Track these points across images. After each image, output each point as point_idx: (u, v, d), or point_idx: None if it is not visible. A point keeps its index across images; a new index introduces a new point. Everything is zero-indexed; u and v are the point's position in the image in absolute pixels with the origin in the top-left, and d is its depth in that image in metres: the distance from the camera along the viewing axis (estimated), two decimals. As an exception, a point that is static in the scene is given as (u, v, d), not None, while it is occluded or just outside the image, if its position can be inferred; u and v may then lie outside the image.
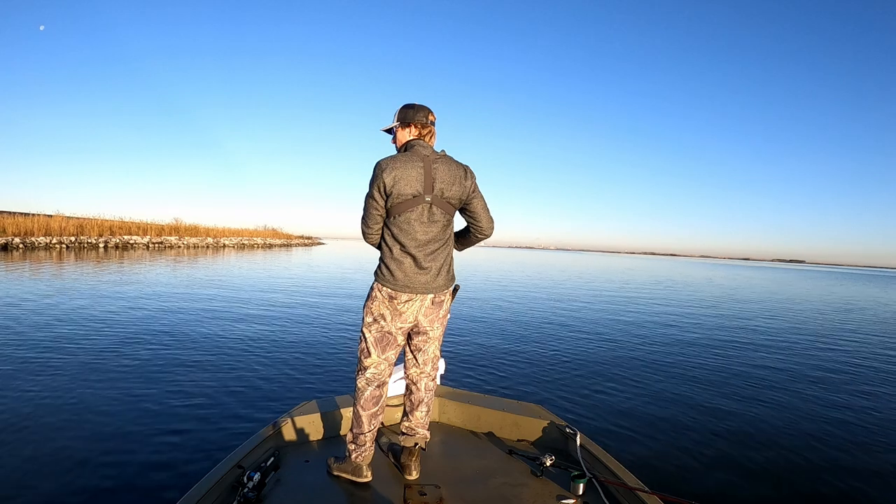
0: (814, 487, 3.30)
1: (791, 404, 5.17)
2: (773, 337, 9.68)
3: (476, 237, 2.23)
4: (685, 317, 11.92)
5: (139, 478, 2.94)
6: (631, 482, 1.98)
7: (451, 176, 2.01)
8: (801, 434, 4.28)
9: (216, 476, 1.90)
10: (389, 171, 1.93)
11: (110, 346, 6.13)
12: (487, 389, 4.88)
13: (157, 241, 37.36)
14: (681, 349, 7.80)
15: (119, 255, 26.88)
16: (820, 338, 9.92)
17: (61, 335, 6.57)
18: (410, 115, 2.06)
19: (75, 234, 31.39)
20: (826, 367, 7.20)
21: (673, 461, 3.57)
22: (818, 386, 6.03)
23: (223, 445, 3.31)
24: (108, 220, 36.31)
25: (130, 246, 34.82)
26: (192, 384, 4.74)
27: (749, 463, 3.62)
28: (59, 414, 3.87)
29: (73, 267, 17.94)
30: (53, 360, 5.35)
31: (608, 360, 6.75)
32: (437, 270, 2.04)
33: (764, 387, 5.81)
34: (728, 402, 5.13)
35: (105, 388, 4.52)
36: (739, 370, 6.61)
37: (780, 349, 8.37)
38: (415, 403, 2.23)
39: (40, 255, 23.51)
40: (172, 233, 40.29)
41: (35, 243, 28.68)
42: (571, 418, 3.94)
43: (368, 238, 2.11)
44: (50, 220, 31.25)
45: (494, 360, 6.33)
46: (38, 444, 3.32)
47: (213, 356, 5.84)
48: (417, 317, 2.06)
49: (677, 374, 6.21)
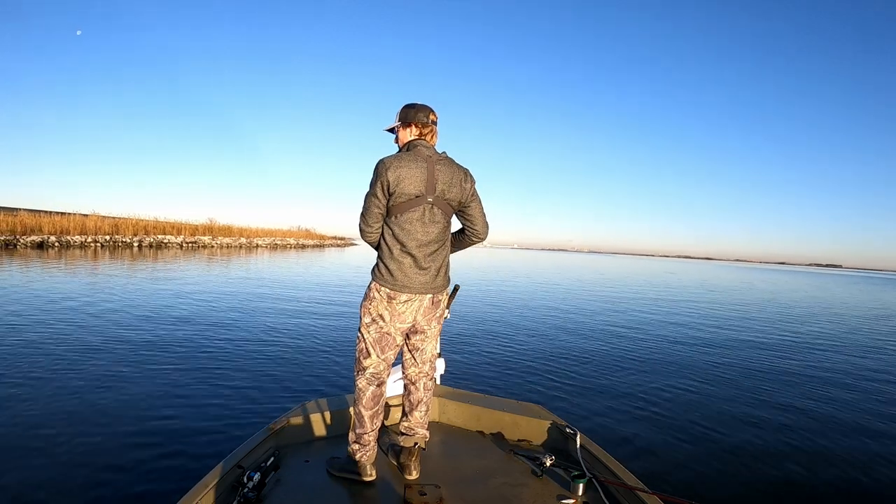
0: (814, 487, 3.30)
1: (792, 404, 5.15)
2: (780, 339, 9.63)
3: (471, 240, 2.26)
4: (699, 319, 11.72)
5: (139, 478, 2.93)
6: (631, 482, 1.97)
7: (453, 178, 2.03)
8: (802, 434, 4.28)
9: (216, 476, 1.89)
10: (394, 169, 1.94)
11: (110, 346, 5.95)
12: (487, 389, 4.73)
13: (190, 241, 37.55)
14: (687, 350, 7.73)
15: (153, 254, 27.10)
16: (839, 342, 9.77)
17: (60, 335, 6.38)
18: (412, 114, 2.06)
19: (110, 234, 31.73)
20: (844, 371, 7.06)
21: (673, 461, 3.58)
22: (831, 387, 5.99)
23: (223, 445, 3.27)
24: (142, 219, 36.55)
25: (164, 245, 35.06)
26: (192, 384, 4.69)
27: (749, 463, 3.62)
28: (58, 414, 3.84)
29: (95, 265, 17.92)
30: (53, 361, 5.21)
31: (608, 360, 6.71)
32: (436, 271, 2.05)
33: (765, 387, 5.78)
34: (728, 402, 5.10)
35: (105, 388, 4.45)
36: (745, 371, 6.57)
37: (787, 350, 8.37)
38: (414, 403, 2.22)
39: (75, 254, 23.76)
40: (206, 233, 40.39)
41: (70, 242, 29.09)
42: (571, 418, 3.80)
43: (367, 236, 2.09)
44: (86, 219, 31.66)
45: (494, 360, 6.29)
46: (38, 444, 3.30)
47: (213, 356, 5.76)
48: (416, 317, 2.06)
49: (678, 374, 6.17)
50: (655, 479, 3.04)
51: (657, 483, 2.71)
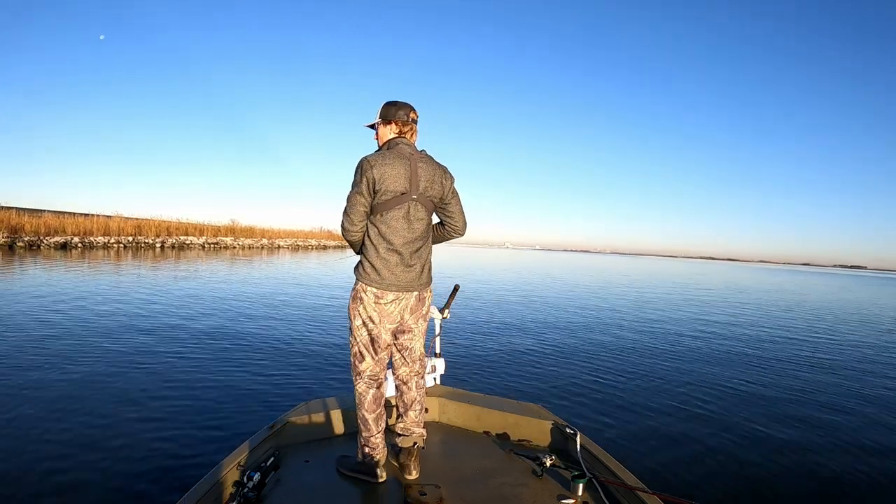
0: (814, 487, 3.32)
1: (792, 405, 5.14)
2: (791, 340, 9.46)
3: (450, 235, 2.27)
4: (701, 323, 11.20)
5: (139, 478, 2.91)
6: (631, 482, 1.97)
7: (434, 175, 2.04)
8: (803, 434, 4.29)
9: (216, 476, 1.87)
10: (378, 167, 1.93)
11: (110, 346, 5.91)
12: (487, 389, 4.69)
13: (212, 242, 37.58)
14: (686, 352, 7.67)
15: (175, 254, 27.10)
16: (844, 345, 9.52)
17: (61, 334, 6.34)
18: (392, 112, 2.06)
19: (133, 235, 31.79)
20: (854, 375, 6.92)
21: (673, 461, 3.55)
22: (831, 389, 5.94)
23: (223, 445, 3.21)
24: (165, 220, 36.55)
25: (186, 246, 35.11)
26: (192, 384, 4.68)
27: (749, 463, 3.61)
28: (58, 413, 3.81)
29: (115, 265, 17.86)
30: (51, 360, 5.21)
31: (609, 360, 6.71)
32: (421, 267, 2.06)
33: (766, 387, 5.78)
34: (728, 403, 5.08)
35: (104, 388, 4.43)
36: (745, 371, 6.55)
37: (793, 351, 8.32)
38: (408, 403, 2.19)
39: (98, 254, 23.84)
40: (228, 234, 40.37)
41: (93, 243, 29.24)
42: (571, 418, 3.70)
43: (351, 235, 2.05)
44: (109, 220, 31.90)
45: (495, 360, 6.29)
46: (38, 444, 3.27)
47: (213, 356, 5.74)
48: (403, 315, 2.06)
49: (678, 375, 6.16)
50: (655, 479, 3.04)
51: (657, 483, 2.68)
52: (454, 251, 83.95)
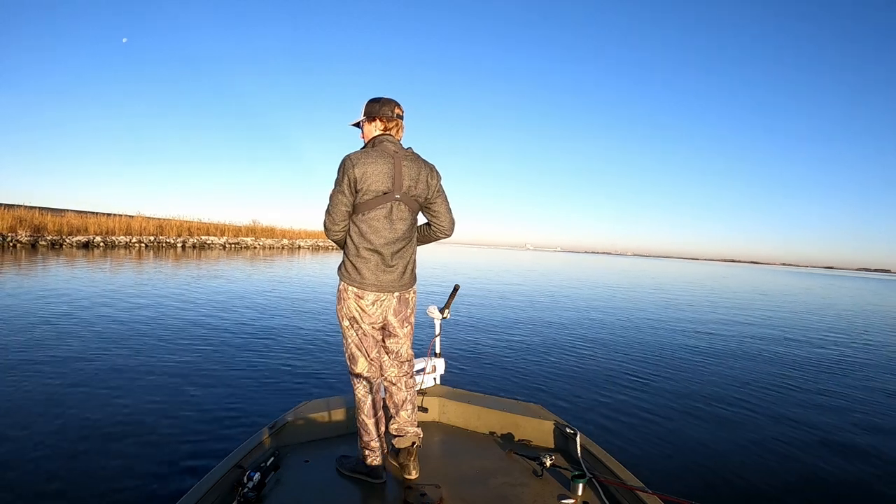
0: (814, 487, 3.31)
1: (792, 405, 5.11)
2: (795, 344, 9.31)
3: (437, 236, 2.21)
4: (721, 325, 11.02)
5: (140, 478, 2.90)
6: (631, 482, 1.96)
7: (419, 174, 1.99)
8: (803, 434, 4.26)
9: (216, 476, 1.86)
10: (361, 165, 1.89)
11: (108, 345, 5.86)
12: (487, 389, 4.62)
13: (233, 242, 37.49)
14: (688, 351, 7.67)
15: (196, 254, 27.01)
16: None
17: (57, 333, 6.31)
18: (376, 109, 2.02)
19: (155, 234, 31.83)
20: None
21: (673, 461, 3.56)
22: (842, 386, 5.99)
23: (223, 445, 3.21)
24: (186, 220, 36.58)
25: (207, 246, 35.04)
26: (192, 384, 4.62)
27: (749, 463, 3.60)
28: (58, 413, 3.76)
29: (136, 264, 17.85)
30: (50, 360, 5.14)
31: (609, 360, 6.66)
32: (402, 268, 2.02)
33: (767, 388, 5.71)
34: (728, 403, 5.05)
35: (106, 388, 4.38)
36: (747, 371, 6.51)
37: (799, 354, 8.19)
38: (399, 403, 2.16)
39: (119, 253, 23.81)
40: (249, 234, 40.27)
41: (115, 242, 29.29)
42: (572, 418, 3.72)
43: (333, 235, 2.04)
44: (131, 220, 32.06)
45: (495, 361, 6.26)
46: (38, 444, 3.24)
47: (214, 356, 5.68)
48: (387, 317, 2.03)
49: (678, 375, 6.10)
50: (655, 479, 3.03)
51: (657, 483, 2.56)
52: (471, 251, 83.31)
